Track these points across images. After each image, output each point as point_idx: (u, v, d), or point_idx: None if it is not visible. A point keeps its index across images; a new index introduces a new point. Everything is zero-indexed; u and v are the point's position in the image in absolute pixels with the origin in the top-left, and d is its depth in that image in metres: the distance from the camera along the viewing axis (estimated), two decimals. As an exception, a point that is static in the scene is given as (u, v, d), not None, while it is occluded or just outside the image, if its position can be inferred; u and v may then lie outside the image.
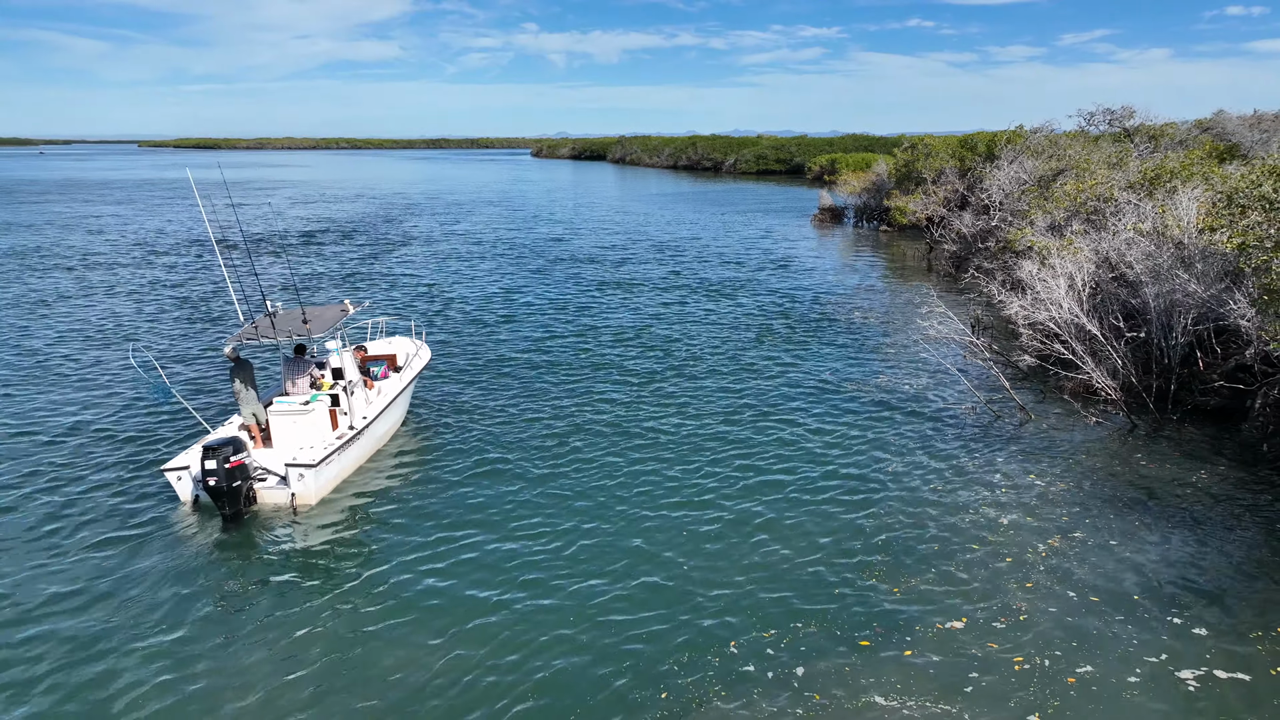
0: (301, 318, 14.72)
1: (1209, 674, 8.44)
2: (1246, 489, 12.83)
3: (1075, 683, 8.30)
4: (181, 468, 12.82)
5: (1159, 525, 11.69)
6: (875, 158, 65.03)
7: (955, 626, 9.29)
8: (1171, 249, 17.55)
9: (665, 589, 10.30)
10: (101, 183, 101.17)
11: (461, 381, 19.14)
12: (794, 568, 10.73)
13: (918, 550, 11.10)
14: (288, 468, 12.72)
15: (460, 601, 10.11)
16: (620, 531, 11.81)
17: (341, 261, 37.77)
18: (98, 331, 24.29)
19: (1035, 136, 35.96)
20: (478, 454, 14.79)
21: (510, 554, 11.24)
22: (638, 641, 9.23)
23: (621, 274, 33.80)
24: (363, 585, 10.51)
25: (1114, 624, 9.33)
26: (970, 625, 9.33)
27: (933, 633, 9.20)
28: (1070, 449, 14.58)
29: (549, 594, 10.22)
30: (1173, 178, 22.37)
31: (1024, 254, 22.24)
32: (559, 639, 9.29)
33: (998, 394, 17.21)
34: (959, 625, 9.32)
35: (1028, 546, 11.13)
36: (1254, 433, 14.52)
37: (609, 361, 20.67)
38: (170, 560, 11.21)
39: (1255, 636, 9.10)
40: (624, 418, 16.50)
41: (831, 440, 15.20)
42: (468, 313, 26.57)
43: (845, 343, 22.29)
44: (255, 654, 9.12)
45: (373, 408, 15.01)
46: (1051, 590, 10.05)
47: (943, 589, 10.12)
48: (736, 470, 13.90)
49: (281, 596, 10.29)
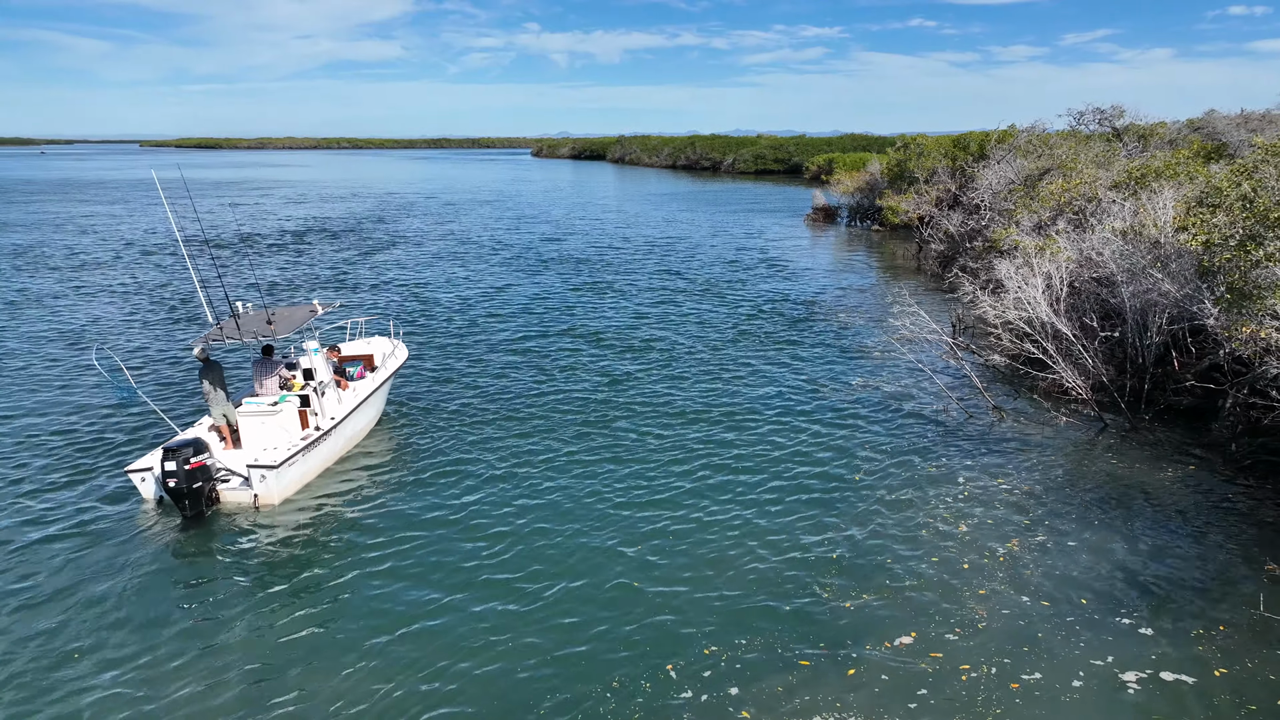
0: (266, 318, 14.71)
1: (1153, 676, 8.38)
2: (1211, 489, 12.78)
3: (1019, 689, 8.23)
4: (145, 468, 12.82)
5: (1120, 526, 11.64)
6: (871, 157, 64.95)
7: (904, 642, 9.07)
8: (1146, 249, 17.50)
9: (610, 601, 10.03)
10: (97, 182, 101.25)
11: (440, 382, 19.12)
12: (745, 580, 10.46)
13: (875, 560, 10.89)
14: (249, 468, 12.70)
15: (409, 604, 10.06)
16: (577, 539, 11.66)
17: (327, 262, 37.73)
18: (70, 331, 24.26)
19: (1023, 135, 35.88)
20: (449, 455, 14.76)
21: (465, 558, 11.17)
22: (574, 654, 8.98)
23: (608, 275, 33.77)
24: (318, 587, 10.48)
25: (1064, 628, 9.26)
26: (920, 639, 9.14)
27: (880, 649, 8.98)
28: (1040, 450, 14.53)
29: (497, 600, 10.10)
30: (1158, 177, 22.31)
31: (1007, 254, 22.20)
32: (497, 649, 9.13)
33: (972, 394, 17.16)
34: (908, 640, 9.10)
35: (986, 551, 11.03)
36: (1224, 432, 14.46)
37: (584, 363, 20.64)
38: (129, 560, 11.20)
39: (1200, 635, 9.05)
40: (594, 421, 16.45)
41: (798, 444, 15.09)
42: (450, 313, 26.54)
43: (822, 343, 22.24)
44: (203, 654, 9.08)
45: (342, 408, 14.98)
46: (1005, 596, 9.94)
47: (895, 601, 9.89)
48: (700, 476, 13.75)
49: (236, 597, 10.27)
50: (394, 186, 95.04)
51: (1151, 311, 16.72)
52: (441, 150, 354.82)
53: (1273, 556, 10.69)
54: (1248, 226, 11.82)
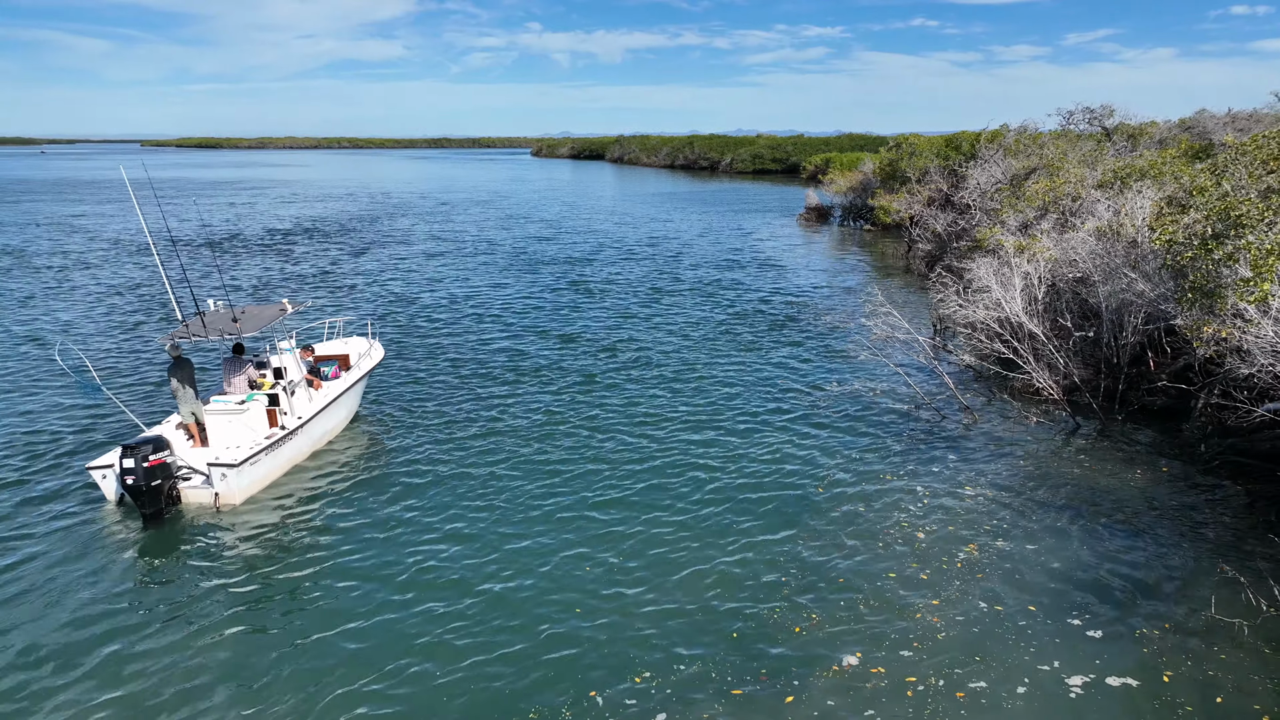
0: (232, 316, 14.66)
1: (1097, 680, 8.29)
2: (1177, 490, 12.70)
3: (965, 698, 8.10)
4: (106, 465, 12.76)
5: (1080, 529, 11.54)
6: (866, 157, 64.86)
7: (850, 663, 8.66)
8: (1122, 248, 17.43)
9: (545, 617, 9.71)
10: (92, 182, 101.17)
11: (416, 382, 19.06)
12: (689, 599, 9.99)
13: (828, 575, 10.46)
14: (210, 467, 12.65)
15: (355, 605, 9.99)
16: (530, 546, 11.49)
17: (311, 261, 37.65)
18: (39, 330, 24.19)
19: (1010, 135, 35.82)
20: (419, 455, 14.70)
21: (419, 561, 11.09)
22: (495, 673, 8.70)
23: (595, 275, 33.71)
24: (274, 587, 10.42)
25: (1015, 632, 9.16)
26: (866, 658, 8.73)
27: (825, 672, 8.57)
28: (1009, 453, 14.43)
29: (442, 603, 10.01)
30: (1142, 177, 22.24)
31: (992, 253, 22.12)
32: (440, 654, 9.04)
33: (946, 396, 17.08)
34: (854, 661, 8.68)
35: (944, 560, 10.81)
36: (1194, 433, 14.38)
37: (560, 366, 20.57)
38: (85, 557, 11.17)
39: (1148, 638, 8.98)
40: (561, 425, 16.35)
41: (761, 451, 14.79)
42: (432, 314, 26.48)
43: (798, 345, 22.16)
44: (152, 654, 9.02)
45: (312, 408, 14.92)
46: (959, 605, 9.74)
47: (845, 620, 9.48)
48: (655, 483, 13.36)
49: (191, 598, 10.20)
50: (390, 186, 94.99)
51: (1127, 311, 16.64)
52: (441, 150, 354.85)
53: (1226, 558, 10.61)
54: (1210, 225, 11.75)
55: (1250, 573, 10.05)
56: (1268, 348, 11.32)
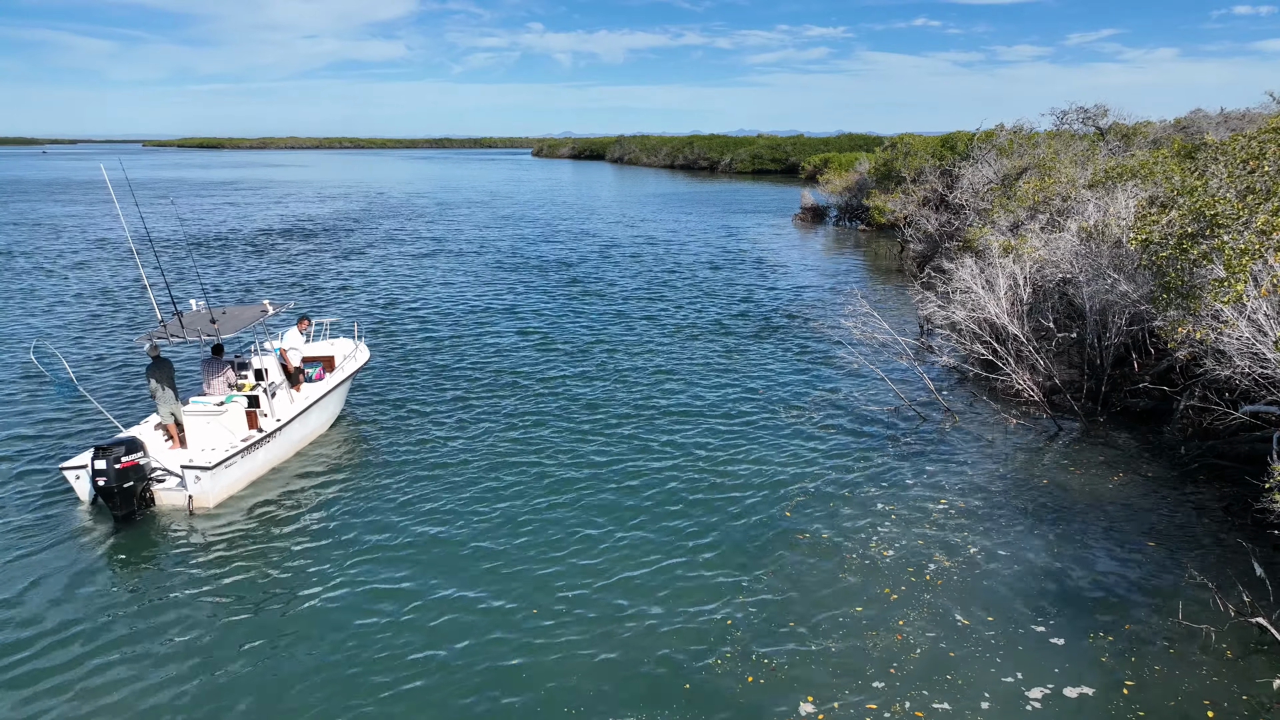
0: (211, 317, 14.62)
1: (1055, 691, 8.19)
2: (1155, 494, 12.60)
3: (924, 718, 7.97)
4: (80, 466, 12.72)
5: (1054, 536, 11.42)
6: (862, 156, 64.77)
7: (809, 700, 8.22)
8: (1107, 249, 17.35)
9: (487, 652, 9.16)
10: (88, 182, 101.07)
11: (401, 385, 19.00)
12: (639, 641, 9.26)
13: (791, 608, 9.82)
14: (183, 469, 12.60)
15: (325, 611, 9.92)
16: (488, 560, 11.18)
17: (301, 262, 37.52)
18: (18, 329, 24.14)
19: (1003, 135, 35.74)
20: (399, 458, 14.62)
21: (386, 570, 11.02)
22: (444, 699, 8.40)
23: (584, 278, 33.63)
24: (242, 591, 10.34)
25: (982, 645, 9.03)
26: (828, 690, 8.34)
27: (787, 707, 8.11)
28: (988, 457, 14.31)
29: (417, 612, 9.95)
30: (1132, 176, 22.15)
31: (982, 254, 22.05)
32: (397, 666, 8.95)
33: (927, 398, 17.00)
34: (811, 699, 8.24)
35: (912, 575, 10.48)
36: (1175, 435, 14.31)
37: (543, 370, 20.48)
38: (55, 558, 11.11)
39: (1112, 646, 8.88)
40: (536, 431, 16.27)
41: (734, 459, 14.39)
42: (421, 316, 26.42)
43: (781, 346, 22.06)
44: (114, 656, 8.98)
45: (292, 409, 14.88)
46: (926, 622, 9.48)
47: (806, 655, 8.94)
48: (616, 498, 12.93)
49: (156, 600, 10.14)
50: (388, 187, 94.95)
51: (1111, 312, 16.57)
52: (443, 150, 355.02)
53: (1196, 563, 10.52)
54: (1186, 224, 11.68)
55: (1221, 579, 9.95)
56: (1244, 349, 11.26)
